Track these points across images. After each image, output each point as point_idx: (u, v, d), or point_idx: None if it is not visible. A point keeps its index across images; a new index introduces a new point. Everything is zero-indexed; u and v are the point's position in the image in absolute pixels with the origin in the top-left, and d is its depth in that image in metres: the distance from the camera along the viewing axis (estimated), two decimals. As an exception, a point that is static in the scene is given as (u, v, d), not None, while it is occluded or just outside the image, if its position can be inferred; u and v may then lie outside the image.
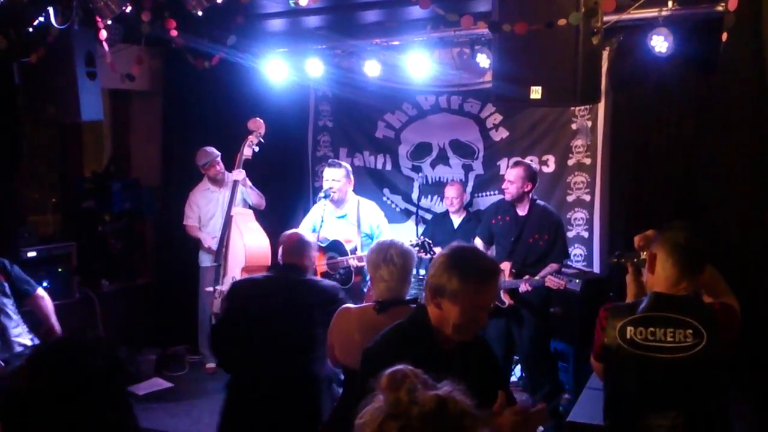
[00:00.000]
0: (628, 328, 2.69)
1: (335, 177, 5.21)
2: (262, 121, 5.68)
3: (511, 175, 5.06)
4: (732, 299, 2.77)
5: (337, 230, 5.18)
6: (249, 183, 5.97)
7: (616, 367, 2.76)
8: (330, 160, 5.46)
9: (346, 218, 5.27)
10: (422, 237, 5.11)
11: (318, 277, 3.96)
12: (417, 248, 4.79)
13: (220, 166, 6.07)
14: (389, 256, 3.11)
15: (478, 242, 5.36)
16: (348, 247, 5.11)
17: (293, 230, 4.20)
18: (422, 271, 6.12)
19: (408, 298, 3.18)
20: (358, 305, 3.30)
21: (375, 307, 3.10)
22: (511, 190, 5.06)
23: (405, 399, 1.39)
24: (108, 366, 1.94)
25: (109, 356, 1.96)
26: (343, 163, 5.42)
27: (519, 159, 5.25)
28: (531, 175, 5.09)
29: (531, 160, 6.15)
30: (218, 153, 6.06)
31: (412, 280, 3.27)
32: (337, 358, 3.21)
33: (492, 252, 5.36)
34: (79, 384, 1.86)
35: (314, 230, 5.23)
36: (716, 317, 2.64)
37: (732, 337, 2.66)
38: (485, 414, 1.42)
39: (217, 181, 6.07)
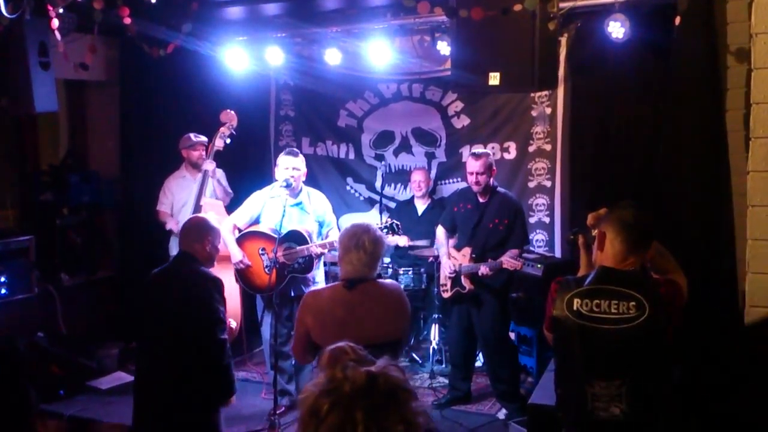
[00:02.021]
0: (575, 300, 2.80)
1: (296, 165, 5.14)
2: (234, 113, 5.64)
3: (480, 167, 5.03)
4: (679, 276, 2.88)
5: (293, 219, 5.13)
6: (218, 175, 5.91)
7: (563, 338, 2.88)
8: (288, 149, 5.39)
9: (301, 206, 5.23)
10: (390, 219, 5.10)
11: (201, 268, 3.74)
12: (385, 230, 4.81)
13: (204, 152, 5.99)
14: (361, 241, 3.19)
15: (441, 231, 5.38)
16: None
17: (197, 215, 4.15)
18: (386, 259, 6.16)
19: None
20: (325, 287, 3.43)
21: (344, 285, 3.20)
22: (482, 180, 5.05)
23: (339, 375, 1.46)
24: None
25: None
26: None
27: (479, 150, 5.25)
28: (493, 163, 5.14)
29: (492, 147, 6.21)
30: (206, 139, 5.97)
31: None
32: (315, 342, 3.18)
33: (454, 240, 5.39)
34: None
35: (257, 221, 5.27)
36: (659, 291, 2.74)
37: (675, 311, 2.77)
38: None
39: (197, 167, 5.99)
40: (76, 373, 5.78)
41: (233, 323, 4.07)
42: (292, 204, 5.12)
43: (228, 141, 5.69)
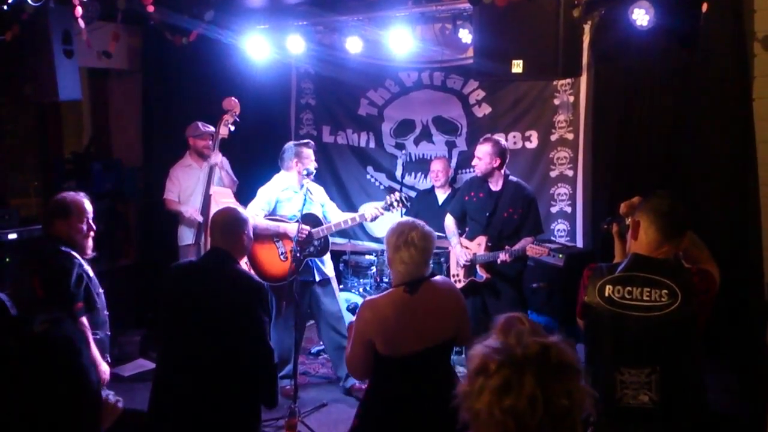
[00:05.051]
0: (607, 287, 2.81)
1: (314, 157, 5.41)
2: (236, 100, 5.64)
3: (480, 152, 5.07)
4: (712, 266, 2.87)
5: (293, 205, 5.32)
6: (226, 165, 5.92)
7: (594, 324, 2.88)
8: (307, 141, 5.52)
9: (309, 193, 5.40)
10: (398, 192, 5.18)
11: (243, 269, 3.56)
12: (397, 202, 5.08)
13: (211, 142, 5.99)
14: (410, 238, 3.06)
15: (450, 220, 5.36)
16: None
17: (227, 206, 3.83)
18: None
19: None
20: (382, 294, 3.18)
21: (405, 289, 3.06)
22: (480, 166, 5.08)
23: (512, 341, 1.51)
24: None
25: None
26: None
27: (488, 136, 5.23)
28: (499, 152, 5.08)
29: (514, 136, 6.17)
30: (213, 129, 5.98)
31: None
32: (379, 353, 3.04)
33: (465, 230, 5.37)
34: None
35: (271, 211, 5.34)
36: (692, 280, 2.73)
37: (707, 300, 2.75)
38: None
39: (202, 156, 6.00)
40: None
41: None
42: (297, 191, 5.34)
43: (232, 128, 5.69)
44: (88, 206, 3.82)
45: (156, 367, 3.53)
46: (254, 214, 5.21)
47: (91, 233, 3.81)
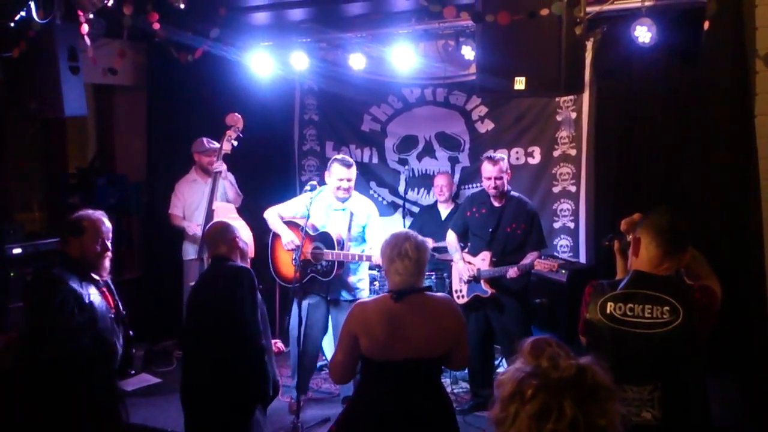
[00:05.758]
0: (609, 304, 2.81)
1: (351, 176, 5.19)
2: (239, 116, 5.67)
3: (498, 171, 5.04)
4: (714, 282, 2.86)
5: (338, 222, 5.22)
6: (230, 177, 5.96)
7: (596, 341, 2.87)
8: (343, 158, 5.27)
9: (344, 212, 5.27)
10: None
11: (233, 263, 3.75)
12: None
13: (214, 159, 6.02)
14: (404, 250, 3.09)
15: (452, 236, 5.35)
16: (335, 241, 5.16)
17: (214, 221, 4.12)
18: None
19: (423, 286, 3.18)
20: (373, 298, 3.29)
21: (392, 296, 3.09)
22: (501, 183, 5.05)
23: (546, 365, 1.50)
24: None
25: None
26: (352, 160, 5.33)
27: (491, 155, 5.23)
28: (508, 167, 5.15)
29: (517, 152, 6.20)
30: (218, 145, 6.01)
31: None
32: (364, 355, 3.10)
33: (468, 246, 5.37)
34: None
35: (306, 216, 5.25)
36: (694, 297, 2.73)
37: (709, 317, 2.75)
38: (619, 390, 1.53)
39: (207, 172, 6.04)
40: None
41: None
42: (337, 208, 5.23)
43: (235, 143, 5.72)
44: (106, 226, 3.69)
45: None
46: (274, 211, 5.34)
47: (107, 254, 3.66)
